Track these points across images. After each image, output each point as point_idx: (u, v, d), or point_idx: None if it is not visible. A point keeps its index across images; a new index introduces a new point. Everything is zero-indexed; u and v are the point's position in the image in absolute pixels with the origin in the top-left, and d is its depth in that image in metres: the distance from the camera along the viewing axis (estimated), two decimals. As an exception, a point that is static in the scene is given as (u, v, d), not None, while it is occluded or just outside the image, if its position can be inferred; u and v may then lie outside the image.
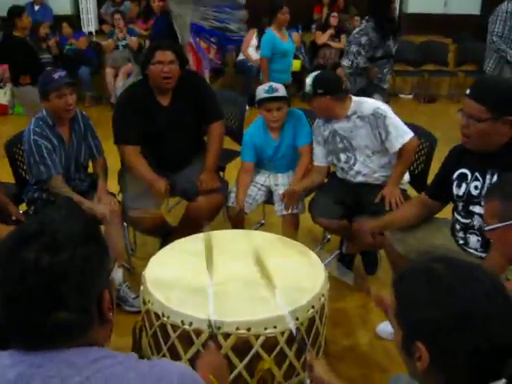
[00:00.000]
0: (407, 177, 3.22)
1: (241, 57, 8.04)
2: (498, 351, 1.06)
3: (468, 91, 2.26)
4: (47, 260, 1.02)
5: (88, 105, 7.61)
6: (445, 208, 2.65)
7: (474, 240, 2.41)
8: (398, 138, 2.97)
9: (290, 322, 1.94)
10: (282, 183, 3.35)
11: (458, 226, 2.48)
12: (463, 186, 2.38)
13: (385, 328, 2.77)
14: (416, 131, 3.10)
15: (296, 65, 7.02)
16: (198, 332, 1.94)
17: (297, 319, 1.99)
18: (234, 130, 4.13)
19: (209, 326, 1.90)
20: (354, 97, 3.13)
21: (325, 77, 3.16)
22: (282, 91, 3.21)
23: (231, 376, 1.96)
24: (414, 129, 3.08)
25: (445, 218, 2.69)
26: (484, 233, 2.18)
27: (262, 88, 3.23)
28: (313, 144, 3.29)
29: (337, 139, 3.14)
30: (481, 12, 9.71)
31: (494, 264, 2.01)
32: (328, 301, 2.23)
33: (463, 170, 2.39)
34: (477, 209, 2.33)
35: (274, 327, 1.95)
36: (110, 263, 1.16)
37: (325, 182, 3.38)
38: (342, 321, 2.97)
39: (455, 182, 2.42)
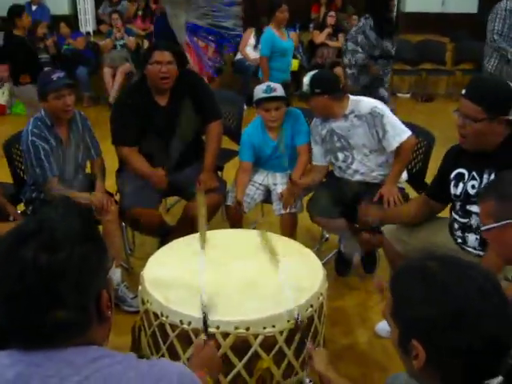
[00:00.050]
0: (405, 175, 3.22)
1: (238, 56, 8.03)
2: (492, 349, 1.06)
3: (464, 91, 2.27)
4: (45, 258, 1.02)
5: (86, 105, 7.60)
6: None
7: (472, 239, 2.41)
8: (396, 137, 2.98)
9: (292, 307, 1.96)
10: (281, 182, 3.35)
11: (456, 226, 2.48)
12: (460, 186, 2.39)
13: (384, 327, 2.77)
14: (414, 130, 3.10)
15: (294, 64, 7.01)
16: (197, 331, 1.94)
17: (295, 318, 1.99)
18: (232, 129, 4.13)
19: (203, 311, 1.90)
20: (351, 96, 3.13)
21: (322, 76, 3.17)
22: (280, 91, 3.21)
23: (230, 375, 1.96)
24: (411, 128, 3.09)
25: (443, 217, 2.69)
26: (481, 232, 2.19)
27: (260, 88, 3.23)
28: (311, 144, 3.29)
29: (334, 138, 3.14)
30: (478, 11, 9.71)
31: (491, 264, 2.01)
32: (327, 300, 2.23)
33: (460, 170, 2.40)
34: (474, 208, 2.34)
35: (273, 326, 1.95)
36: (109, 262, 1.16)
37: (323, 181, 3.38)
38: (341, 320, 2.98)
39: (452, 182, 2.42)
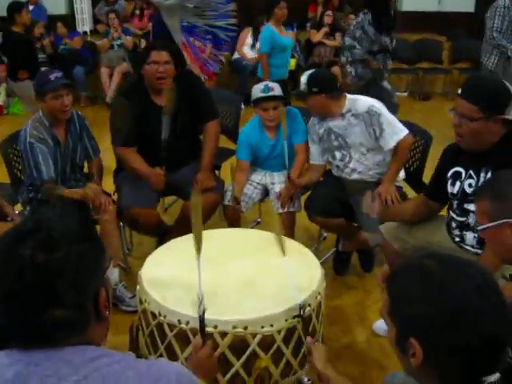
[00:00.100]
0: (402, 174, 3.23)
1: (236, 55, 8.03)
2: (490, 347, 1.06)
3: (459, 91, 2.27)
4: (43, 257, 1.03)
5: (83, 105, 7.59)
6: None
7: (470, 237, 2.41)
8: (393, 136, 2.98)
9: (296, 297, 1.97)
10: (278, 181, 3.36)
11: (453, 224, 2.48)
12: (457, 184, 2.39)
13: (381, 325, 2.77)
14: (411, 129, 3.10)
15: (291, 63, 7.01)
16: (195, 331, 1.93)
17: (293, 317, 2.00)
18: (229, 128, 4.13)
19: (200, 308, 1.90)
20: (348, 95, 3.13)
21: (320, 75, 3.16)
22: (277, 90, 3.21)
23: (228, 375, 1.96)
24: (409, 126, 3.09)
25: (441, 215, 2.69)
26: (477, 231, 2.19)
27: (258, 87, 3.23)
28: (308, 143, 3.29)
29: (332, 137, 3.14)
30: (475, 9, 9.73)
31: (488, 262, 2.01)
32: (325, 299, 2.23)
33: (457, 169, 2.40)
34: (471, 207, 2.34)
35: (271, 325, 1.95)
36: (106, 261, 1.16)
37: (321, 180, 3.38)
38: (339, 319, 2.98)
39: (449, 181, 2.43)
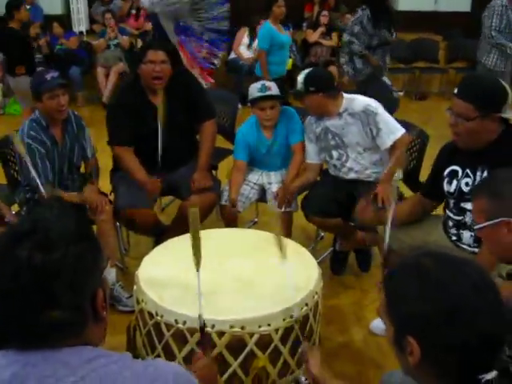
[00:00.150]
0: (399, 173, 3.23)
1: (232, 55, 8.03)
2: (487, 345, 1.07)
3: (456, 90, 2.28)
4: (40, 258, 1.02)
5: (80, 105, 7.57)
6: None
7: (467, 236, 2.42)
8: (390, 135, 2.98)
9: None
10: (275, 181, 3.35)
11: (450, 223, 2.49)
12: (454, 183, 2.40)
13: (378, 324, 2.78)
14: (408, 128, 3.11)
15: (288, 62, 7.01)
16: (192, 331, 1.94)
17: (291, 317, 2.00)
18: (226, 128, 4.13)
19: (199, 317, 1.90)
20: (345, 94, 3.13)
21: (317, 74, 3.16)
22: (274, 90, 3.21)
23: (226, 374, 1.96)
24: (405, 126, 3.10)
25: (437, 214, 2.70)
26: (474, 230, 2.20)
27: (255, 87, 3.23)
28: (305, 142, 3.29)
29: (329, 136, 3.14)
30: (471, 9, 9.74)
31: (485, 261, 2.01)
32: (322, 298, 2.24)
33: (454, 167, 2.41)
34: (468, 205, 2.34)
35: (268, 325, 1.95)
36: (103, 261, 1.16)
37: (318, 179, 3.38)
38: (336, 318, 2.98)
39: (446, 179, 2.43)
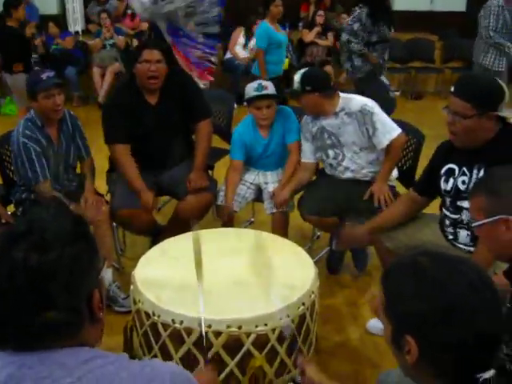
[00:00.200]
0: (395, 173, 3.23)
1: (228, 55, 8.03)
2: (484, 344, 1.07)
3: (452, 89, 2.28)
4: (35, 259, 1.02)
5: (75, 105, 7.55)
6: (432, 203, 2.66)
7: (463, 235, 2.42)
8: (386, 135, 2.99)
9: (284, 322, 1.94)
10: (272, 181, 3.35)
11: (447, 222, 2.49)
12: (451, 181, 2.40)
13: (375, 324, 2.78)
14: (404, 128, 3.11)
15: (285, 62, 7.02)
16: (189, 331, 1.94)
17: (287, 316, 2.00)
18: (222, 128, 4.12)
19: (199, 325, 1.90)
20: (342, 93, 3.13)
21: (313, 74, 3.16)
22: (271, 89, 3.21)
23: (223, 374, 1.96)
24: (401, 125, 3.10)
25: (433, 213, 2.70)
26: (472, 228, 2.20)
27: (252, 86, 3.23)
28: (301, 141, 3.30)
29: (325, 135, 3.14)
30: (467, 9, 9.76)
31: (481, 258, 2.03)
32: (318, 298, 2.24)
33: (451, 166, 2.41)
34: (465, 204, 2.35)
35: (265, 325, 1.95)
36: (100, 262, 1.15)
37: (313, 179, 3.39)
38: (333, 317, 2.98)
39: (443, 178, 2.44)
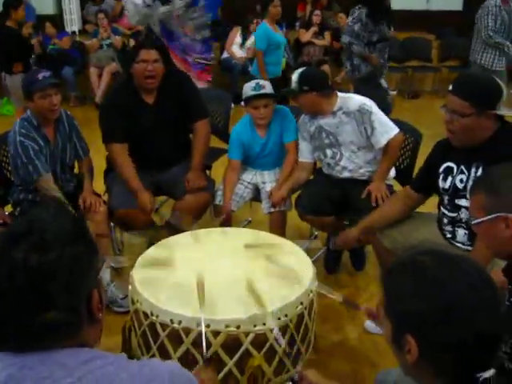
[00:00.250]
0: (393, 172, 3.24)
1: (225, 55, 8.03)
2: (484, 343, 1.07)
3: (450, 87, 2.29)
4: (35, 259, 1.02)
5: (72, 105, 7.55)
6: (429, 202, 2.66)
7: (461, 233, 2.43)
8: (384, 134, 2.99)
9: (277, 334, 1.94)
10: (269, 180, 3.35)
11: (445, 220, 2.49)
12: (449, 180, 2.40)
13: (373, 323, 2.78)
14: (401, 127, 3.11)
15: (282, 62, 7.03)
16: (188, 330, 1.93)
17: (286, 316, 1.99)
18: (219, 127, 4.12)
19: (198, 325, 1.90)
20: (339, 93, 3.14)
21: (310, 73, 3.16)
22: (268, 88, 3.21)
23: (221, 374, 1.95)
24: (398, 124, 3.10)
25: (430, 212, 2.71)
26: (471, 226, 2.20)
27: (249, 85, 3.23)
28: (298, 140, 3.30)
29: (323, 135, 3.14)
30: (463, 8, 9.78)
31: (480, 256, 2.03)
32: (316, 296, 2.24)
33: (449, 164, 2.41)
34: (463, 202, 2.36)
35: (264, 324, 1.95)
36: (99, 262, 1.15)
37: (310, 178, 3.39)
38: (331, 316, 2.98)
39: (441, 176, 2.44)
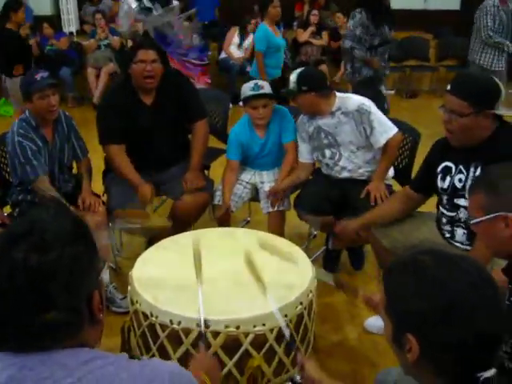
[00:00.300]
0: (392, 172, 3.24)
1: (223, 55, 8.03)
2: (484, 343, 1.06)
3: (449, 87, 2.29)
4: (35, 259, 1.01)
5: (70, 105, 7.54)
6: (429, 201, 2.66)
7: (460, 233, 2.43)
8: (383, 134, 2.99)
9: (280, 320, 1.94)
10: (268, 180, 3.35)
11: (444, 220, 2.50)
12: (447, 179, 2.41)
13: (373, 322, 2.79)
14: (399, 126, 3.11)
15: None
16: (187, 331, 1.93)
17: (285, 316, 1.99)
18: (217, 128, 4.12)
19: (198, 325, 1.90)
20: (338, 93, 3.14)
21: (309, 73, 3.16)
22: (267, 88, 3.21)
23: (221, 374, 1.96)
24: (397, 124, 3.10)
25: (429, 211, 2.71)
26: (470, 225, 2.20)
27: (248, 86, 3.23)
28: (297, 141, 3.30)
29: (321, 135, 3.14)
30: (461, 7, 9.80)
31: (479, 255, 2.03)
32: (316, 297, 2.24)
33: (447, 163, 2.42)
34: (461, 201, 2.36)
35: (263, 325, 1.95)
36: (100, 263, 1.15)
37: (310, 178, 3.39)
38: (331, 316, 2.98)
39: (439, 175, 2.44)
